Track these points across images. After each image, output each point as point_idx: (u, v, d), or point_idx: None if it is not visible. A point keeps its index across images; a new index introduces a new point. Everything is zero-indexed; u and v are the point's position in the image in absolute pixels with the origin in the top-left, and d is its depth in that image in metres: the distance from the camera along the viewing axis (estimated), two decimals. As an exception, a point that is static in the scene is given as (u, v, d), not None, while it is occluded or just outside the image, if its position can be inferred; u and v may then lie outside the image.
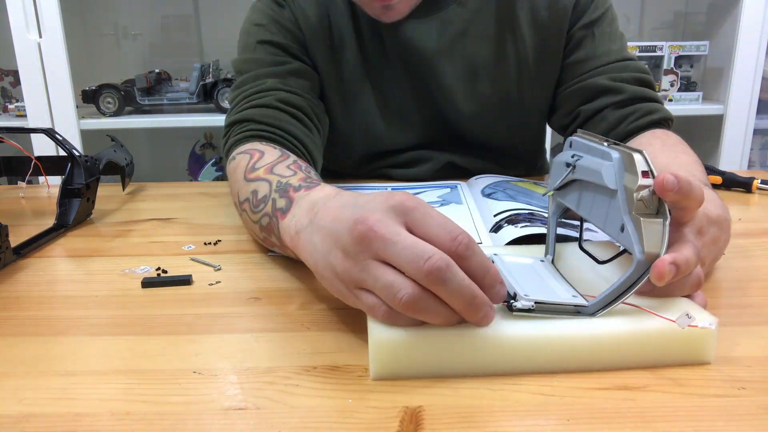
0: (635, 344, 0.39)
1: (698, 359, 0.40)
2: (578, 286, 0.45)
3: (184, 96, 1.82)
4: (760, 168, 2.05)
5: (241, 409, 0.36)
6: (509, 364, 0.39)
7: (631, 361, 0.40)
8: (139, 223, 0.75)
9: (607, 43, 0.82)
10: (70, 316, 0.49)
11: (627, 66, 0.80)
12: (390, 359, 0.39)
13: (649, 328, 0.39)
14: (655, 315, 0.40)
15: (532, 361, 0.39)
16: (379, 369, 0.39)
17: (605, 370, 0.39)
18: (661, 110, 0.78)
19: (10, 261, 0.61)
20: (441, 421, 0.35)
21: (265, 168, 0.61)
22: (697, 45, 1.80)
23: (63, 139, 0.77)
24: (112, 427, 0.35)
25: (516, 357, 0.39)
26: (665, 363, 0.40)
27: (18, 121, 1.80)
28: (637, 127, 0.76)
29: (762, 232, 0.69)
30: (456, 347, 0.39)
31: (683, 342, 0.40)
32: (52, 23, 1.62)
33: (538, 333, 0.39)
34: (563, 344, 0.39)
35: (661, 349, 0.40)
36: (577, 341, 0.39)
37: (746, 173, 0.89)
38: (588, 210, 0.46)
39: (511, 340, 0.39)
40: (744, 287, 0.53)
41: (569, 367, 0.39)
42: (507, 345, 0.39)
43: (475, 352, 0.39)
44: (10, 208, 0.85)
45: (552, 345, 0.39)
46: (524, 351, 0.39)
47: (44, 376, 0.40)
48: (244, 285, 0.55)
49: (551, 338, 0.39)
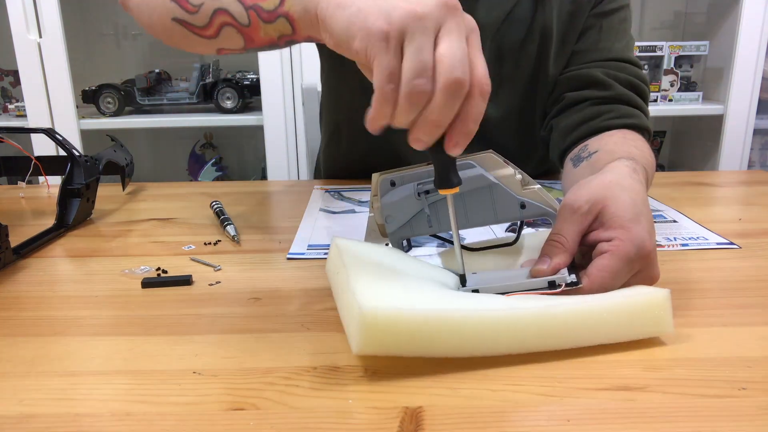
0: (601, 317, 0.42)
1: (658, 329, 0.43)
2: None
3: (184, 96, 1.82)
4: (760, 168, 2.05)
5: (241, 409, 0.36)
6: (485, 343, 0.40)
7: (601, 334, 0.42)
8: (139, 223, 0.75)
9: (612, 39, 0.81)
10: (70, 316, 0.49)
11: (625, 68, 0.80)
12: (378, 333, 0.38)
13: (612, 301, 0.43)
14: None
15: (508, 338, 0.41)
16: (363, 344, 0.38)
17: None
18: (640, 118, 0.76)
19: (10, 261, 0.61)
20: (441, 421, 0.35)
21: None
22: (697, 45, 1.80)
23: (63, 139, 0.77)
24: (113, 427, 0.35)
25: (493, 335, 0.40)
26: (632, 336, 0.43)
27: (18, 121, 1.80)
28: (609, 126, 0.75)
29: (762, 232, 0.69)
30: (441, 326, 0.39)
31: (639, 312, 0.43)
32: (52, 23, 1.62)
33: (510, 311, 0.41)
34: (534, 321, 0.41)
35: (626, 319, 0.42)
36: (551, 318, 0.41)
37: (746, 173, 0.89)
38: (464, 218, 0.53)
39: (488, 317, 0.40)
40: (744, 287, 0.53)
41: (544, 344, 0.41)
42: (484, 323, 0.40)
43: (460, 331, 0.40)
44: (10, 208, 0.85)
45: (522, 322, 0.41)
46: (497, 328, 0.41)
47: (44, 376, 0.40)
48: (244, 285, 0.55)
49: (522, 316, 0.41)
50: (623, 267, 0.46)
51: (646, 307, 0.43)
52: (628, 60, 0.80)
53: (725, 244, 0.64)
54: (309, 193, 0.86)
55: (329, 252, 0.51)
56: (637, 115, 0.76)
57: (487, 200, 0.53)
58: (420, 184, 0.53)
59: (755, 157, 2.01)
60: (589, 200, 0.49)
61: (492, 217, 0.53)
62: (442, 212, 0.53)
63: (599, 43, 0.81)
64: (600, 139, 0.72)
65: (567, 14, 0.81)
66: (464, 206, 0.53)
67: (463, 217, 0.53)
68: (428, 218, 0.53)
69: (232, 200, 0.83)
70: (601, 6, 0.81)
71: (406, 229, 0.54)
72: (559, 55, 0.83)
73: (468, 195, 0.53)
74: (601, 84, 0.78)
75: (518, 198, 0.51)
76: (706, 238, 0.66)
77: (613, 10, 0.81)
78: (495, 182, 0.52)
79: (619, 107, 0.76)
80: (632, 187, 0.51)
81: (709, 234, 0.67)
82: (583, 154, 0.71)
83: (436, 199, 0.53)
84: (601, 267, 0.46)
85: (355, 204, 0.80)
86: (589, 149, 0.71)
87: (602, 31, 0.81)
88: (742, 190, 0.91)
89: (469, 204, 0.53)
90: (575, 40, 0.82)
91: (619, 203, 0.48)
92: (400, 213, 0.54)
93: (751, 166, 1.98)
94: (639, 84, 0.79)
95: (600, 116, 0.76)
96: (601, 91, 0.78)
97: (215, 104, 1.81)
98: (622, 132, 0.73)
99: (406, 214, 0.54)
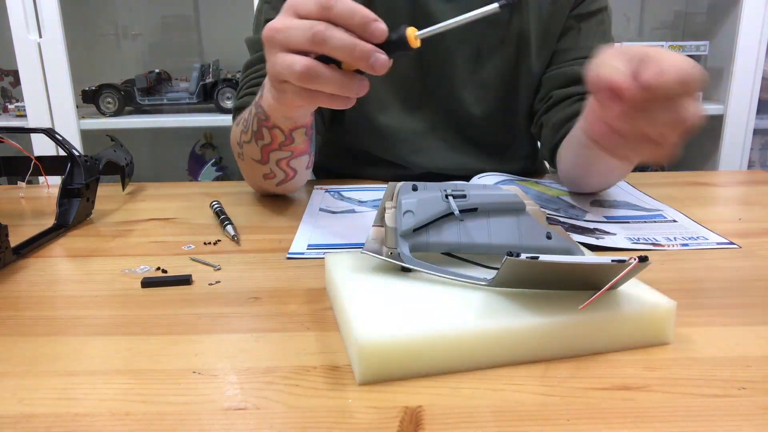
0: (602, 327, 0.41)
1: (658, 339, 0.42)
2: None
3: (184, 96, 1.82)
4: (760, 168, 2.05)
5: (240, 409, 0.36)
6: (487, 357, 0.40)
7: (600, 345, 0.41)
8: (139, 223, 0.75)
9: (590, 39, 0.84)
10: (70, 316, 0.49)
11: None
12: (376, 362, 0.38)
13: (617, 311, 0.42)
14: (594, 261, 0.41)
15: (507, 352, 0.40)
16: (364, 373, 0.38)
17: (582, 357, 0.40)
18: None
19: (10, 261, 0.61)
20: (441, 421, 0.35)
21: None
22: (697, 45, 1.80)
23: (63, 139, 0.77)
24: (112, 427, 0.35)
25: (494, 349, 0.40)
26: (631, 345, 0.42)
27: (18, 121, 1.80)
28: None
29: (762, 232, 0.69)
30: (437, 345, 0.39)
31: (641, 321, 0.42)
32: (52, 23, 1.62)
33: (510, 325, 0.40)
34: (534, 334, 0.40)
35: (628, 329, 0.42)
36: (551, 331, 0.40)
37: (746, 173, 0.89)
38: (486, 238, 0.49)
39: (488, 333, 0.40)
40: (744, 287, 0.53)
41: (544, 355, 0.41)
42: (485, 339, 0.40)
43: (458, 349, 0.39)
44: (10, 208, 0.85)
45: (522, 336, 0.40)
46: (499, 343, 0.40)
47: (44, 376, 0.40)
48: (244, 285, 0.55)
49: (523, 329, 0.40)
50: (685, 62, 0.43)
51: (650, 320, 0.42)
52: None
53: (725, 244, 0.64)
54: (309, 193, 0.86)
55: (325, 268, 0.51)
56: None
57: (514, 223, 0.50)
58: (446, 189, 0.49)
59: (755, 157, 2.01)
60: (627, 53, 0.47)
61: (516, 242, 0.49)
62: (470, 224, 0.49)
63: (579, 43, 0.84)
64: None
65: (547, 15, 0.85)
66: (488, 225, 0.49)
67: (485, 237, 0.49)
68: (459, 221, 0.48)
69: (232, 200, 0.83)
70: (580, 8, 0.84)
71: (421, 236, 0.48)
72: (540, 54, 0.86)
73: (494, 214, 0.50)
74: (585, 80, 0.79)
75: (545, 228, 0.49)
76: (706, 238, 0.66)
77: (591, 12, 0.84)
78: (525, 206, 0.50)
79: None
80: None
81: (709, 234, 0.67)
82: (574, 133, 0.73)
83: (463, 206, 0.49)
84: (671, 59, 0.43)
85: (355, 204, 0.80)
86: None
87: (581, 32, 0.84)
88: (742, 190, 0.91)
89: (493, 223, 0.49)
90: (556, 40, 0.85)
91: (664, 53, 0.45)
92: (421, 210, 0.48)
93: (751, 166, 1.98)
94: None
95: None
96: (586, 86, 0.79)
97: (215, 104, 1.81)
98: None
99: (428, 212, 0.48)
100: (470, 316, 0.41)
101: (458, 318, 0.40)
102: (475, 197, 0.49)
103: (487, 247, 0.48)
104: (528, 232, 0.49)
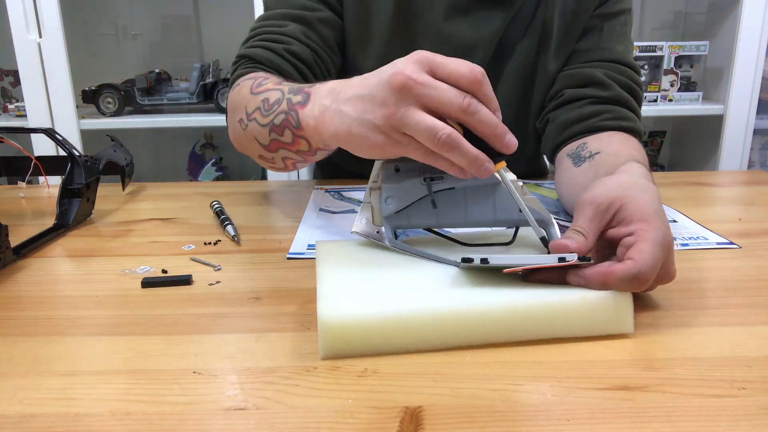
0: (561, 311, 0.43)
1: (618, 328, 0.44)
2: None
3: (184, 96, 1.82)
4: (760, 168, 2.05)
5: (241, 409, 0.36)
6: (445, 337, 0.42)
7: (558, 329, 0.43)
8: (139, 223, 0.75)
9: (613, 41, 0.82)
10: (70, 316, 0.49)
11: (624, 71, 0.80)
12: (337, 339, 0.41)
13: (576, 297, 0.44)
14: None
15: (462, 333, 0.42)
16: (326, 349, 0.41)
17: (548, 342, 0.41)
18: (635, 122, 0.77)
19: (10, 261, 0.61)
20: (441, 421, 0.35)
21: (272, 83, 0.65)
22: (697, 45, 1.80)
23: (63, 139, 0.77)
24: (112, 427, 0.35)
25: (450, 330, 0.42)
26: (591, 332, 0.44)
27: (18, 121, 1.80)
28: (605, 126, 0.76)
29: (762, 232, 0.69)
30: (399, 324, 0.41)
31: (598, 308, 0.43)
32: (52, 23, 1.62)
33: (466, 306, 0.42)
34: (499, 315, 0.42)
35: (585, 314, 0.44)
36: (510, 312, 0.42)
37: (746, 173, 0.89)
38: (463, 215, 0.54)
39: (446, 314, 0.42)
40: (744, 287, 0.53)
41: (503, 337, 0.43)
42: (440, 319, 0.42)
43: (415, 328, 0.42)
44: (10, 208, 0.85)
45: (477, 318, 0.42)
46: (455, 323, 0.42)
47: (44, 376, 0.40)
48: (244, 285, 0.55)
49: (481, 311, 0.42)
50: (656, 249, 0.45)
51: (606, 305, 0.44)
52: (628, 63, 0.81)
53: (725, 244, 0.64)
54: (309, 193, 0.86)
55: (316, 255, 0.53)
56: (633, 119, 0.77)
57: (489, 200, 0.53)
58: (426, 171, 0.52)
59: (755, 157, 2.01)
60: (608, 197, 0.49)
61: (491, 217, 0.54)
62: (445, 203, 0.53)
63: (600, 44, 0.82)
64: (599, 139, 0.73)
65: (571, 12, 0.82)
66: (465, 202, 0.53)
67: (462, 215, 0.53)
68: (432, 203, 0.53)
69: (232, 200, 0.83)
70: (605, 7, 0.82)
71: (403, 217, 0.54)
72: (559, 51, 0.83)
73: (471, 191, 0.53)
74: (601, 84, 0.79)
75: (517, 204, 0.51)
76: (706, 238, 0.66)
77: (615, 12, 0.82)
78: (499, 182, 0.52)
79: (616, 109, 0.77)
80: (649, 188, 0.52)
81: (709, 234, 0.67)
82: (583, 153, 0.72)
83: (441, 188, 0.53)
84: (639, 250, 0.45)
85: (355, 204, 0.80)
86: (590, 149, 0.71)
87: (603, 33, 0.82)
88: (742, 190, 0.91)
89: (470, 200, 0.53)
90: (577, 39, 0.83)
91: (639, 202, 0.48)
92: (401, 196, 0.53)
93: (751, 166, 1.98)
94: (636, 89, 0.80)
95: (598, 115, 0.77)
96: (601, 90, 0.78)
97: (215, 104, 1.80)
98: (620, 135, 0.74)
99: (408, 198, 0.53)
100: (434, 297, 0.43)
101: (421, 299, 0.43)
102: (452, 178, 0.52)
103: (464, 224, 0.54)
104: (502, 208, 0.54)
